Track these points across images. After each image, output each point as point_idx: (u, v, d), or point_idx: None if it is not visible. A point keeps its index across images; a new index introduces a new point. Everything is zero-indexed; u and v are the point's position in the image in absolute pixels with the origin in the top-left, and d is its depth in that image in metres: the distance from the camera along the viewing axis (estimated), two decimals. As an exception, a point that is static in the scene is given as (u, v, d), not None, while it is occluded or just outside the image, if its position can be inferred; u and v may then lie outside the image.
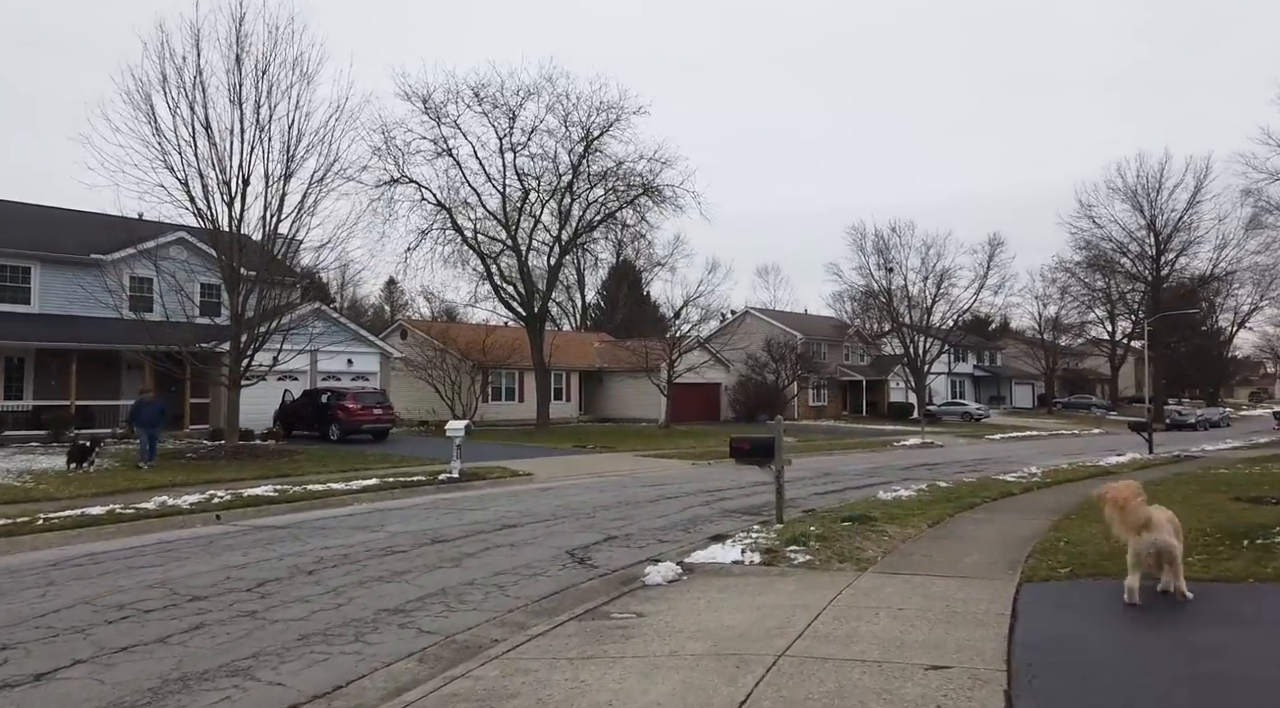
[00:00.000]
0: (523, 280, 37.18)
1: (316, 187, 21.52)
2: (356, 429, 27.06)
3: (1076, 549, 8.52)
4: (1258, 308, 66.30)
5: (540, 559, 9.48)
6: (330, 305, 64.27)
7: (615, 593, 7.66)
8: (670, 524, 12.34)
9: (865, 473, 21.29)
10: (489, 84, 34.48)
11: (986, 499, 13.72)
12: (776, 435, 10.71)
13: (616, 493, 16.45)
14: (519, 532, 11.44)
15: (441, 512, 13.52)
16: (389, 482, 16.85)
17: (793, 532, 9.73)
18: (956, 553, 8.86)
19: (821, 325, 63.44)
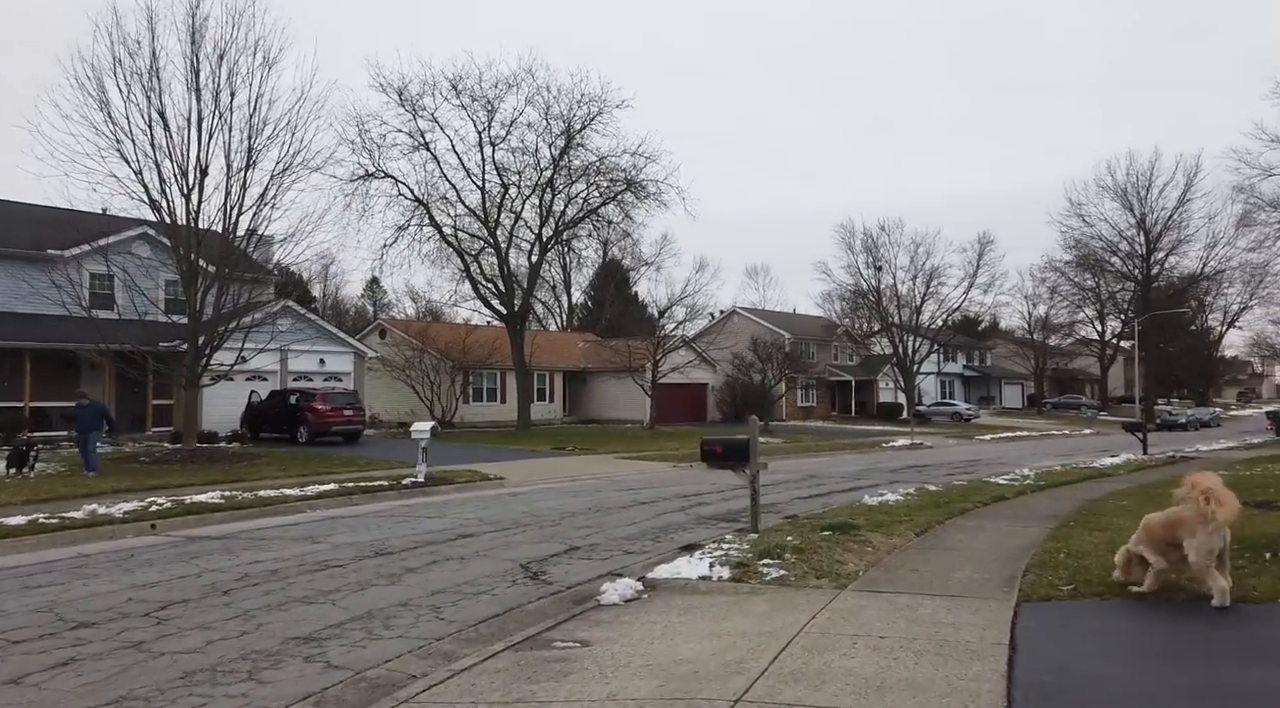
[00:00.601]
0: (503, 278, 36.24)
1: (280, 178, 20.54)
2: (326, 431, 26.09)
3: (1078, 562, 7.69)
4: (1247, 307, 65.90)
5: (489, 575, 8.60)
6: (311, 305, 63.48)
7: (564, 615, 6.79)
8: (640, 533, 11.49)
9: (852, 476, 20.49)
10: (467, 76, 33.60)
11: (978, 504, 12.90)
12: (751, 437, 9.86)
13: (589, 498, 15.58)
14: (474, 542, 10.56)
15: (396, 520, 12.62)
16: (348, 487, 15.92)
17: (768, 543, 8.88)
18: (946, 567, 8.02)
19: (810, 325, 62.72)
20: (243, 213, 20.72)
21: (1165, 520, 6.41)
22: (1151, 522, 6.50)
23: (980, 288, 57.43)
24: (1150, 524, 6.49)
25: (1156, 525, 6.43)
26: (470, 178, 34.97)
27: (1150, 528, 6.44)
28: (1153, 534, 6.38)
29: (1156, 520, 6.49)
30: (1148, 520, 6.55)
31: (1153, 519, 6.53)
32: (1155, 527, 6.42)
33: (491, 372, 40.82)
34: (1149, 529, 6.43)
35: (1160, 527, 6.38)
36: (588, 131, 34.69)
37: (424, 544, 10.39)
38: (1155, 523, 6.46)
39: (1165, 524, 6.37)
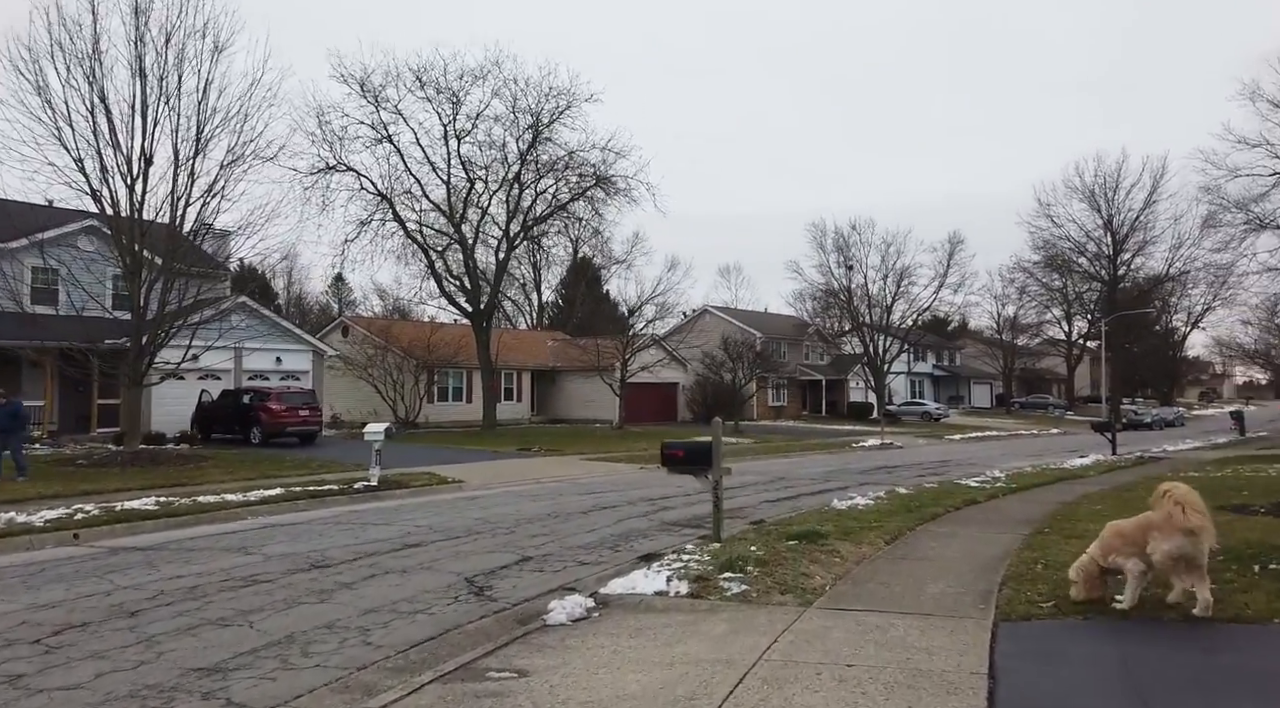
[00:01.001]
0: (469, 275, 35.43)
1: (230, 168, 19.66)
2: (280, 432, 25.17)
3: (1057, 575, 7.21)
4: (1211, 308, 66.80)
5: (430, 590, 7.96)
6: (273, 302, 62.16)
7: (505, 638, 6.19)
8: (599, 540, 10.91)
9: (821, 477, 20.06)
10: (432, 67, 32.79)
11: (950, 508, 12.48)
12: (714, 440, 9.31)
13: (549, 502, 14.97)
14: (420, 553, 9.90)
15: (340, 528, 11.92)
16: (295, 492, 15.16)
17: (730, 554, 8.33)
18: (918, 579, 7.53)
19: (782, 324, 62.49)
20: (190, 204, 19.81)
21: (1137, 523, 6.07)
22: (1123, 527, 6.10)
23: (950, 287, 57.60)
24: (1121, 530, 6.08)
25: (1130, 529, 6.04)
26: (435, 172, 34.19)
27: (1123, 533, 6.03)
28: (1127, 537, 5.98)
29: (1127, 525, 6.12)
30: (1116, 527, 6.15)
31: (1122, 525, 6.15)
32: (1129, 530, 6.03)
33: (458, 371, 39.99)
34: (1121, 535, 6.02)
35: (1134, 529, 6.00)
36: (556, 126, 34.06)
37: (365, 555, 9.72)
38: (1128, 527, 6.07)
39: (1138, 526, 6.01)
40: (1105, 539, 6.08)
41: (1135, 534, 5.92)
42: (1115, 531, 6.08)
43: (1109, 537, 6.07)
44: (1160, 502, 5.80)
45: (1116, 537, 6.01)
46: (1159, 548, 5.67)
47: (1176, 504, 5.64)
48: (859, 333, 56.67)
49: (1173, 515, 5.62)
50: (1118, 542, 5.97)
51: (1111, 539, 6.03)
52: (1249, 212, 34.61)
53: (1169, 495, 5.74)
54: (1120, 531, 6.04)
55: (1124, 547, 5.92)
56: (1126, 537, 5.96)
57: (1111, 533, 6.08)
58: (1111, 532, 6.09)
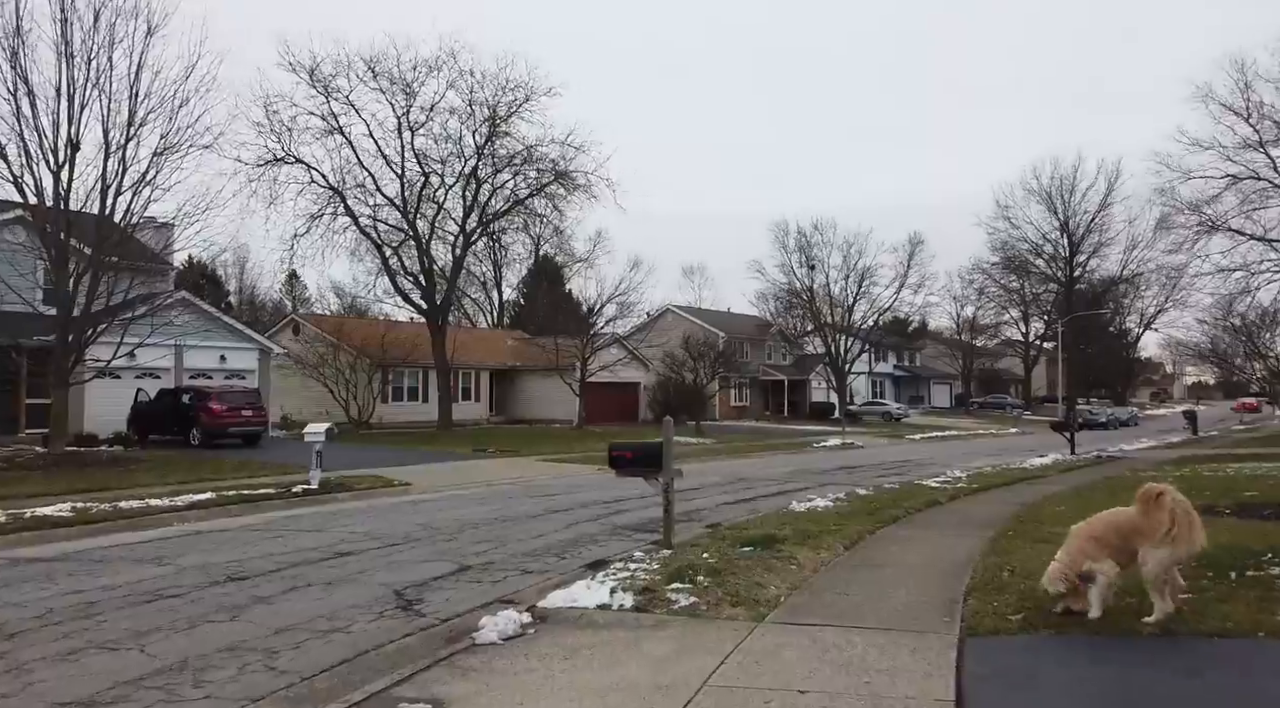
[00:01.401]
0: (424, 271, 34.53)
1: (163, 157, 18.67)
2: (222, 433, 24.11)
3: (1025, 583, 6.79)
4: (1163, 309, 68.13)
5: (354, 605, 7.31)
6: (224, 300, 60.40)
7: (428, 660, 5.58)
8: (546, 547, 10.31)
9: (781, 478, 19.66)
10: (385, 57, 31.82)
11: (911, 510, 12.10)
12: (665, 440, 8.77)
13: (498, 506, 14.33)
14: (350, 562, 9.22)
15: (269, 535, 11.16)
16: (228, 496, 14.31)
17: (680, 562, 7.80)
18: (879, 588, 7.06)
19: (744, 324, 62.32)
20: (121, 193, 18.78)
21: (1108, 524, 5.63)
22: (1093, 530, 5.68)
23: (911, 288, 57.92)
24: (1093, 533, 5.65)
25: (1102, 530, 5.62)
26: (389, 166, 33.23)
27: (1095, 536, 5.60)
28: (1100, 541, 5.55)
29: (1096, 527, 5.69)
30: (1087, 531, 5.71)
31: (1091, 528, 5.72)
32: (1100, 532, 5.62)
33: (413, 370, 39.01)
34: (1093, 539, 5.59)
35: (1107, 531, 5.58)
36: (514, 119, 33.33)
37: (290, 566, 9.01)
38: (1098, 529, 5.66)
39: (1118, 529, 5.58)
40: (1075, 545, 5.64)
41: (1108, 537, 5.51)
42: (1086, 534, 5.65)
43: (1080, 542, 5.63)
44: (1152, 506, 5.39)
45: (1088, 541, 5.58)
46: (1153, 557, 5.27)
47: (1183, 513, 5.28)
48: (821, 333, 56.71)
49: (1176, 527, 5.21)
50: (1090, 547, 5.54)
51: (1083, 544, 5.60)
52: (1201, 213, 35.12)
53: (1163, 500, 5.34)
54: (1092, 534, 5.62)
55: (1097, 551, 5.49)
56: (1099, 540, 5.54)
57: (1083, 537, 5.65)
58: (1083, 536, 5.66)
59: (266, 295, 63.86)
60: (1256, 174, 33.44)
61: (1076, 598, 5.54)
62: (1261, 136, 32.92)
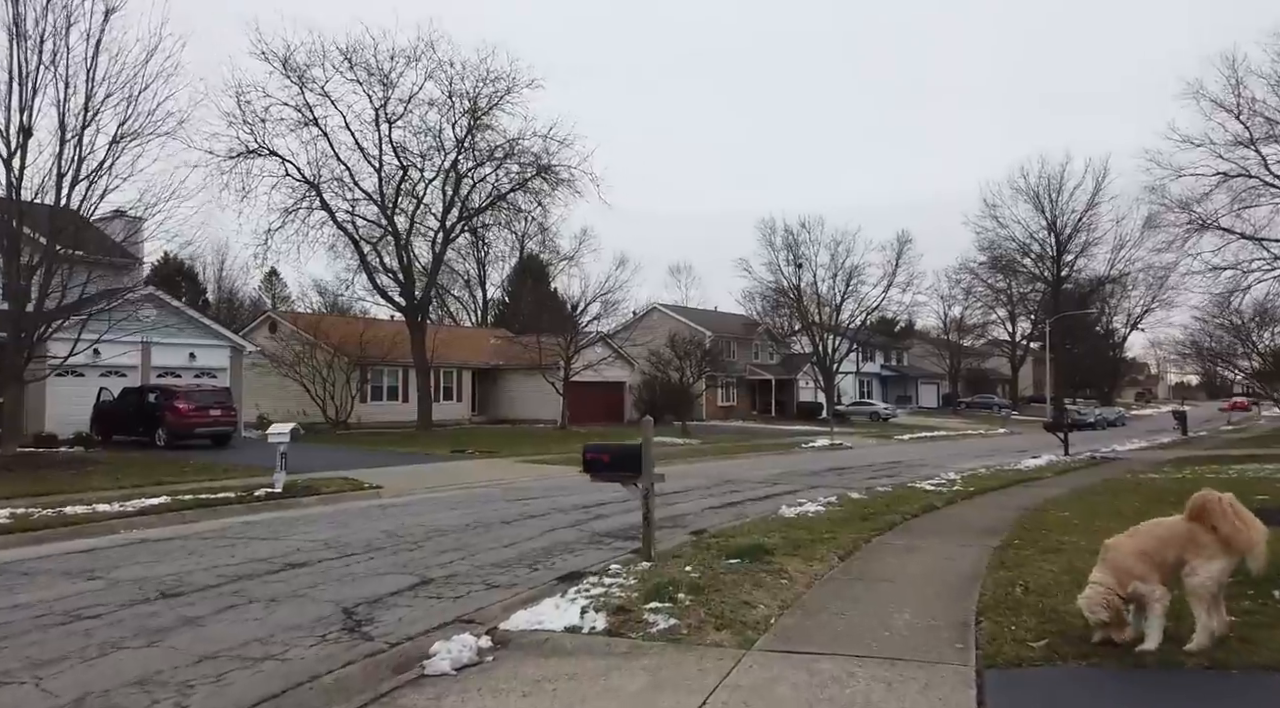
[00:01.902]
0: (403, 268, 33.65)
1: (121, 145, 17.79)
2: (189, 433, 23.19)
3: (1043, 602, 6.12)
4: (1150, 309, 68.09)
5: (296, 625, 6.55)
6: (201, 296, 59.23)
7: (369, 695, 4.86)
8: (518, 556, 9.58)
9: (770, 480, 18.98)
10: (362, 46, 30.90)
11: (907, 516, 11.43)
12: (644, 442, 8.06)
13: (471, 510, 13.57)
14: (300, 575, 8.44)
15: (220, 544, 10.36)
16: (184, 501, 13.46)
17: (660, 577, 7.08)
18: (879, 607, 6.36)
19: (731, 323, 61.70)
20: (78, 182, 17.87)
21: (1160, 536, 4.92)
22: (1142, 545, 4.93)
23: (899, 287, 57.47)
24: (1142, 548, 4.91)
25: (1153, 545, 4.90)
26: (367, 159, 32.34)
27: (1145, 551, 4.87)
28: (1151, 557, 4.82)
29: (1146, 541, 4.95)
30: (1133, 546, 4.95)
31: (1139, 542, 4.97)
32: (1151, 547, 4.89)
33: (393, 369, 38.12)
34: (1143, 554, 4.85)
35: (1158, 546, 4.87)
36: (495, 112, 32.49)
37: (234, 579, 8.23)
38: (1148, 543, 4.93)
39: (1169, 542, 4.87)
40: (1120, 562, 4.87)
41: (1157, 552, 4.80)
42: (1133, 550, 4.90)
43: (1125, 559, 4.86)
44: (1208, 514, 4.71)
45: (1136, 558, 4.83)
46: (1205, 570, 4.60)
47: (1245, 521, 4.64)
48: (808, 332, 56.19)
49: (1235, 531, 4.55)
50: (1139, 565, 4.79)
51: (1129, 562, 4.83)
52: (1191, 211, 34.74)
53: (1220, 507, 4.67)
54: (1140, 550, 4.88)
55: (1146, 570, 4.77)
56: (1150, 557, 4.81)
57: (1129, 553, 4.89)
58: (1128, 552, 4.90)
59: (245, 293, 62.70)
60: (1247, 171, 33.11)
61: (1120, 627, 4.81)
62: (1252, 133, 32.57)
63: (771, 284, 57.59)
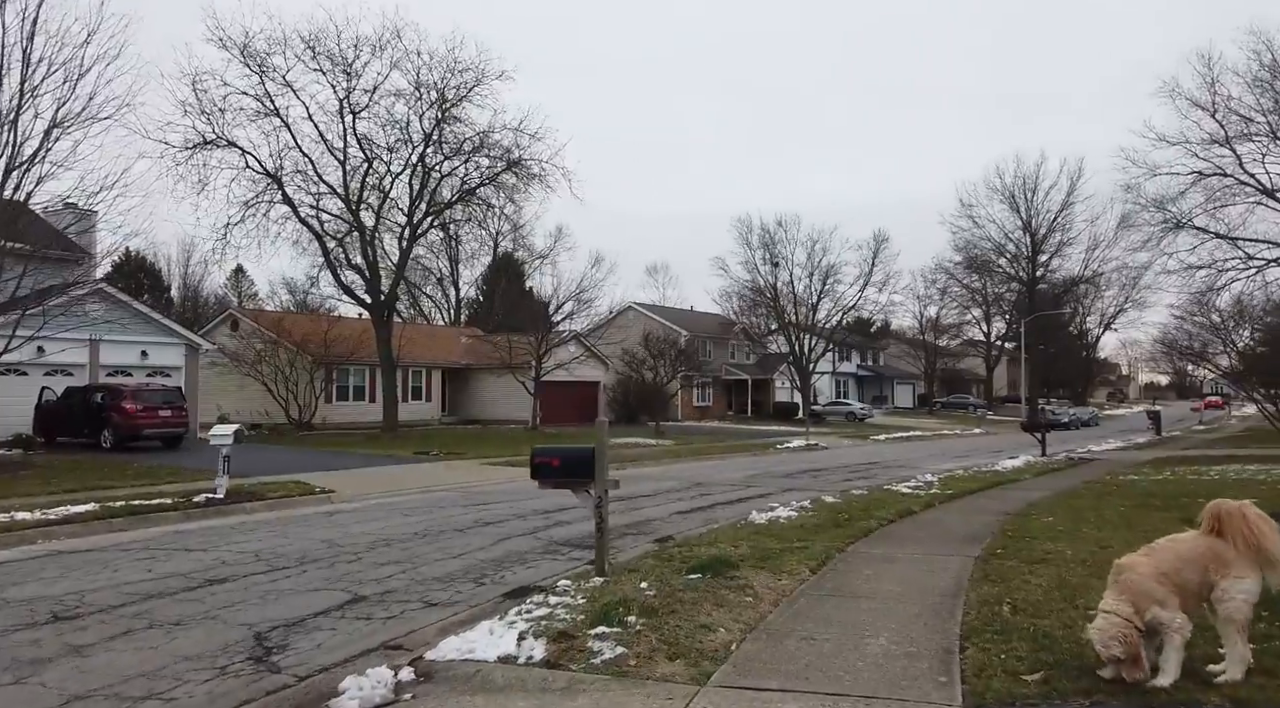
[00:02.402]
0: (368, 264, 32.67)
1: (58, 129, 16.80)
2: (137, 435, 22.15)
3: (1034, 623, 5.49)
4: (1123, 310, 68.43)
5: (196, 654, 5.77)
6: (164, 294, 57.70)
7: (254, 746, 4.10)
8: (465, 569, 8.84)
9: (742, 482, 18.35)
10: (324, 34, 29.85)
11: (883, 521, 10.82)
12: (598, 445, 7.34)
13: (425, 517, 12.79)
14: (218, 593, 7.64)
15: (139, 557, 9.51)
16: (114, 508, 12.55)
17: (611, 596, 6.38)
18: (853, 630, 5.70)
19: (708, 323, 61.12)
20: (12, 170, 16.85)
21: (1181, 555, 4.29)
22: (1160, 564, 4.27)
23: (875, 286, 57.10)
24: (1160, 568, 4.24)
25: (1172, 565, 4.25)
26: (331, 151, 31.30)
27: (1165, 573, 4.21)
28: (1172, 579, 4.18)
29: (1164, 560, 4.30)
30: (1151, 566, 4.28)
31: (1157, 562, 4.31)
32: (1170, 567, 4.24)
33: (359, 368, 37.10)
34: (1163, 576, 4.19)
35: (1178, 565, 4.23)
36: (465, 104, 31.58)
37: (142, 598, 7.41)
38: (1166, 563, 4.28)
39: (1191, 561, 4.24)
40: (1137, 585, 4.18)
41: (1180, 573, 4.16)
42: (1151, 571, 4.22)
43: (1143, 581, 4.18)
44: (1230, 527, 4.10)
45: (1154, 581, 4.16)
46: (1237, 591, 4.00)
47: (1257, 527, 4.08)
48: (785, 332, 55.71)
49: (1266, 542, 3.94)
50: (1159, 588, 4.13)
51: (1148, 585, 4.15)
52: (1166, 211, 34.59)
53: (1243, 518, 4.06)
54: (1159, 570, 4.21)
55: (1168, 595, 4.12)
56: (1170, 579, 4.16)
57: (1147, 575, 4.20)
58: (1145, 574, 4.21)
59: (211, 291, 61.20)
60: (1223, 170, 32.99)
61: (1135, 665, 4.12)
62: (1228, 132, 32.43)
63: (748, 283, 57.11)
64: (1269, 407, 29.48)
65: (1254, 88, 31.35)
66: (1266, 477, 15.20)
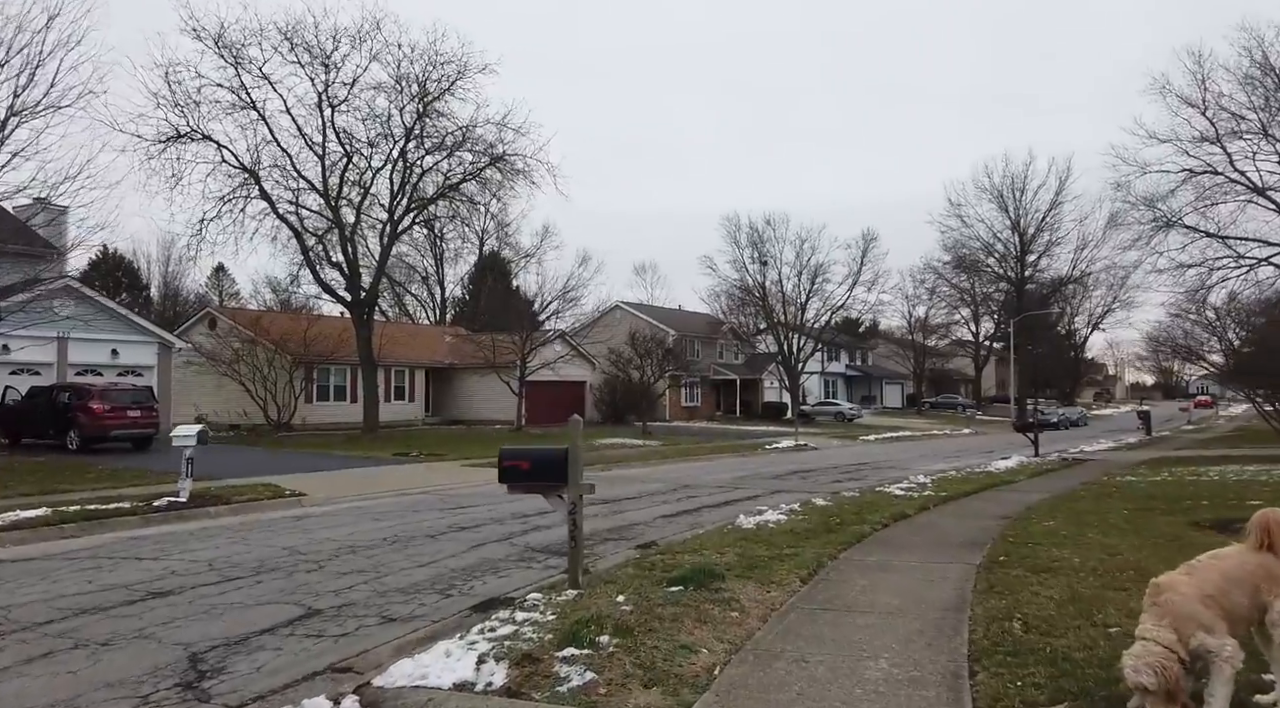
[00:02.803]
0: (348, 261, 31.97)
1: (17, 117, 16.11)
2: (103, 436, 21.41)
3: (1049, 643, 4.97)
4: (1110, 310, 68.39)
5: (120, 680, 5.19)
6: (143, 292, 56.68)
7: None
8: (432, 579, 8.27)
9: (730, 484, 17.83)
10: (302, 25, 29.15)
11: (876, 526, 10.30)
12: (572, 446, 6.79)
13: (397, 521, 12.19)
14: (159, 608, 7.04)
15: (84, 567, 8.89)
16: (68, 513, 11.89)
17: (584, 611, 5.82)
18: (849, 650, 5.16)
19: (696, 322, 60.64)
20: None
21: (1228, 574, 3.75)
22: (1204, 585, 3.71)
23: (864, 285, 56.80)
24: (1204, 589, 3.68)
25: (1218, 585, 3.71)
26: (309, 146, 30.58)
27: (1210, 595, 3.65)
28: (1220, 602, 3.62)
29: (1208, 580, 3.74)
30: (1195, 587, 3.72)
31: (1200, 582, 3.75)
32: (1216, 587, 3.69)
33: (340, 367, 36.37)
34: (1209, 599, 3.63)
35: (1225, 585, 3.69)
36: (447, 97, 30.94)
37: (76, 613, 6.81)
38: (1211, 582, 3.72)
39: (1241, 581, 3.71)
40: (1179, 608, 3.62)
41: (1227, 594, 3.62)
42: (1195, 592, 3.64)
43: (1186, 604, 3.62)
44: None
45: (1200, 603, 3.60)
46: None
47: None
48: (773, 331, 55.31)
49: None
50: (1204, 611, 3.57)
51: (1192, 607, 3.57)
52: (1156, 209, 34.26)
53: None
54: (1204, 592, 3.64)
55: (1215, 619, 3.56)
56: (1216, 601, 3.60)
57: (1190, 596, 3.62)
58: (1190, 594, 3.63)
59: (191, 290, 60.18)
60: (1213, 168, 32.69)
61: (1175, 701, 3.55)
62: (1218, 130, 32.12)
63: (736, 282, 56.67)
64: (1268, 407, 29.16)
65: (1245, 85, 31.07)
66: (1269, 478, 14.80)
